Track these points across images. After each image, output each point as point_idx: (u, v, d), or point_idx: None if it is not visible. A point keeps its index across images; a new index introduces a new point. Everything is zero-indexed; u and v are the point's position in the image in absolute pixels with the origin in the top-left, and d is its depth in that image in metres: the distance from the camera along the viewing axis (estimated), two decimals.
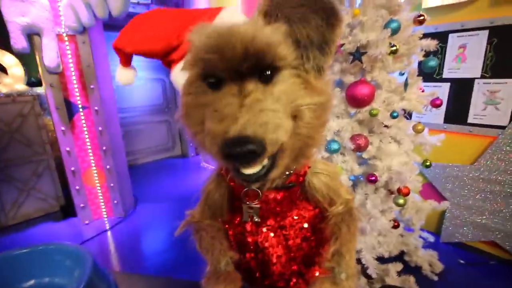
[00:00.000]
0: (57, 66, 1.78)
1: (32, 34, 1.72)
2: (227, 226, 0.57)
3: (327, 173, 0.52)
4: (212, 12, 0.41)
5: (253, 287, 0.57)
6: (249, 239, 0.55)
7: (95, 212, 2.28)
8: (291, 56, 0.38)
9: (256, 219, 0.52)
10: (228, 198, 0.54)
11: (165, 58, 0.52)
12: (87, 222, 2.23)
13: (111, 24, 2.24)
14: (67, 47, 1.88)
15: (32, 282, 0.41)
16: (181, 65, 0.42)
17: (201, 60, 0.37)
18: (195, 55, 0.38)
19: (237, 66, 0.36)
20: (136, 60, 3.17)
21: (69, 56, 1.89)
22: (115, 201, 2.28)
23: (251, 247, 0.55)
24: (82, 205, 2.18)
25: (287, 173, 0.47)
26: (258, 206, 0.50)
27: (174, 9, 0.44)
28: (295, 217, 0.54)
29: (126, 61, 0.56)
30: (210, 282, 0.46)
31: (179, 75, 0.43)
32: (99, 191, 2.24)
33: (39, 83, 2.47)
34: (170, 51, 0.44)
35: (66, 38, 1.86)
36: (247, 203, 0.50)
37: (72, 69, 1.93)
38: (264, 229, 0.53)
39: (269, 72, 0.37)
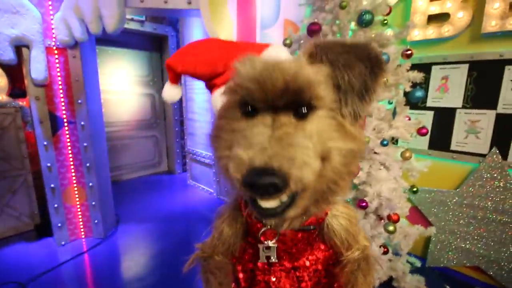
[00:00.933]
0: (44, 79, 1.73)
1: (20, 46, 1.68)
2: (237, 264, 0.55)
3: (347, 217, 0.51)
4: (260, 47, 0.45)
5: None
6: (260, 278, 0.53)
7: (72, 232, 2.15)
8: (329, 97, 0.38)
9: (273, 260, 0.50)
10: (242, 234, 0.53)
11: (209, 82, 0.59)
12: (63, 243, 2.10)
13: (104, 38, 2.23)
14: (56, 60, 1.84)
15: None
16: (222, 90, 0.44)
17: (243, 88, 0.38)
18: (238, 83, 0.39)
19: (275, 99, 0.36)
20: (126, 74, 3.13)
21: (58, 69, 1.85)
22: (96, 221, 2.17)
23: (262, 286, 0.53)
24: (59, 224, 2.05)
25: (305, 216, 0.46)
26: (275, 245, 0.48)
27: (226, 40, 0.50)
28: (310, 258, 0.52)
29: (175, 79, 0.66)
30: None
31: (218, 99, 0.47)
32: (79, 209, 2.13)
33: (22, 95, 2.39)
34: (215, 76, 0.51)
35: (56, 51, 1.82)
36: (264, 242, 0.48)
37: (60, 82, 1.88)
38: (278, 270, 0.52)
39: (305, 109, 0.37)
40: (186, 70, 0.55)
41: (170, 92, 0.65)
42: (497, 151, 1.58)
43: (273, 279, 0.52)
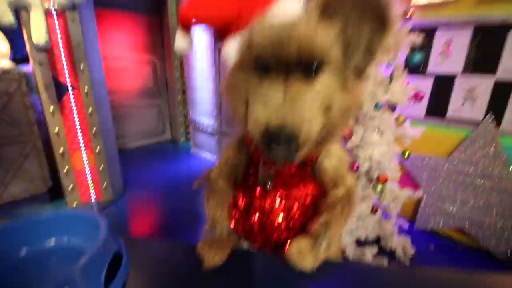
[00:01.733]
0: (45, 44, 1.74)
1: (19, 9, 1.66)
2: (237, 191, 0.64)
3: (338, 158, 0.57)
4: None
5: (252, 245, 0.64)
6: (257, 203, 0.62)
7: (83, 195, 2.29)
8: (338, 57, 0.41)
9: (269, 184, 0.58)
10: (245, 164, 0.61)
11: (221, 29, 0.59)
12: (75, 204, 2.25)
13: (102, 1, 2.18)
14: (56, 24, 1.83)
15: (52, 241, 0.47)
16: (236, 42, 0.47)
17: (257, 51, 0.41)
18: (252, 45, 0.42)
19: (289, 61, 0.40)
20: (126, 40, 3.07)
21: (58, 33, 1.85)
22: (104, 185, 2.30)
23: (257, 210, 0.62)
24: (70, 187, 2.19)
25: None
26: (272, 173, 0.56)
27: None
28: (301, 191, 0.60)
29: (188, 28, 0.64)
30: (204, 247, 0.53)
31: (232, 50, 0.48)
32: (88, 173, 2.25)
33: (25, 60, 2.40)
34: (227, 23, 0.52)
35: (55, 14, 1.81)
36: (264, 169, 0.56)
37: (61, 47, 1.89)
38: (272, 195, 0.60)
39: (315, 69, 0.41)
40: (199, 16, 0.56)
41: (183, 43, 0.63)
42: (491, 118, 1.60)
43: (267, 205, 0.61)
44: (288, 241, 0.61)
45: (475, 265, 1.66)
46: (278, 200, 0.61)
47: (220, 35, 0.59)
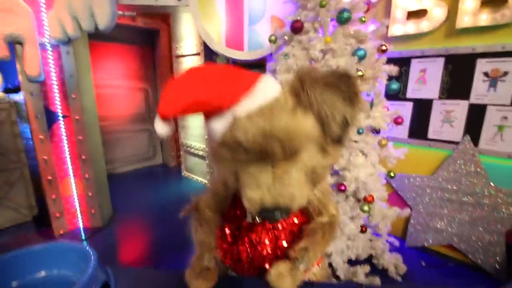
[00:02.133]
0: (38, 75, 1.78)
1: (14, 43, 1.72)
2: (225, 222, 0.66)
3: (321, 189, 0.61)
4: (251, 78, 0.48)
5: (240, 274, 0.65)
6: (244, 234, 0.64)
7: (70, 222, 2.23)
8: (316, 135, 0.45)
9: (257, 220, 0.61)
10: (233, 196, 0.63)
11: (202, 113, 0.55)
12: (61, 232, 2.18)
13: (97, 34, 2.26)
14: (50, 57, 1.88)
15: (42, 273, 0.48)
16: (219, 123, 0.47)
17: (242, 152, 0.43)
18: (237, 146, 0.43)
19: (272, 156, 0.43)
20: (118, 69, 3.14)
21: (52, 65, 1.90)
22: (93, 211, 2.26)
23: (245, 242, 0.64)
24: (57, 214, 2.13)
25: None
26: None
27: (212, 68, 0.43)
28: (287, 221, 0.63)
29: (167, 118, 0.54)
30: (192, 276, 0.55)
31: (217, 129, 0.49)
32: (76, 200, 2.21)
33: (16, 90, 2.42)
34: (207, 111, 0.51)
35: (49, 48, 1.87)
36: None
37: (54, 78, 1.93)
38: (259, 228, 0.62)
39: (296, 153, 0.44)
40: (180, 114, 0.52)
41: (164, 129, 0.54)
42: (469, 138, 1.71)
43: (254, 237, 0.63)
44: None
45: (467, 280, 1.68)
46: (265, 232, 0.63)
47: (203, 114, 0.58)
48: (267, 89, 0.47)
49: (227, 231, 0.66)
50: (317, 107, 0.43)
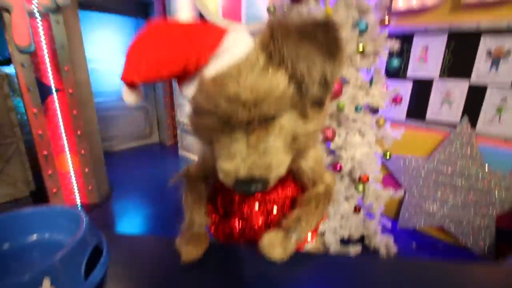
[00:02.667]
0: (28, 46, 1.71)
1: (1, 10, 1.64)
2: (217, 193, 0.65)
3: (314, 158, 0.58)
4: (217, 34, 0.42)
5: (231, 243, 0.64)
6: (236, 207, 0.62)
7: (68, 198, 2.25)
8: (292, 99, 0.39)
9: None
10: None
11: (171, 78, 0.50)
12: None
13: (87, 3, 2.17)
14: (40, 26, 1.81)
15: (34, 236, 0.48)
16: (191, 89, 0.44)
17: (209, 118, 0.41)
18: (203, 112, 0.41)
19: (243, 119, 0.39)
20: (112, 42, 3.03)
21: (42, 35, 1.83)
22: (90, 187, 2.27)
23: (237, 215, 0.63)
24: (54, 190, 2.14)
25: None
26: None
27: (174, 25, 0.39)
28: (280, 193, 0.61)
29: (133, 85, 0.55)
30: (182, 242, 0.54)
31: (189, 94, 0.45)
32: (73, 176, 2.21)
33: (7, 62, 2.35)
34: (176, 75, 0.46)
35: (38, 17, 1.79)
36: None
37: (45, 49, 1.86)
38: (251, 200, 0.61)
39: (272, 118, 0.40)
40: (145, 79, 0.48)
41: (130, 97, 0.53)
42: (467, 120, 1.69)
43: (246, 209, 0.62)
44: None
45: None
46: (257, 204, 0.62)
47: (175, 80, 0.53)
48: (238, 45, 0.41)
49: (219, 204, 0.65)
50: (291, 63, 0.37)
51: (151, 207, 2.35)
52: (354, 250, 1.61)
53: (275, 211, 0.62)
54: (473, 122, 1.68)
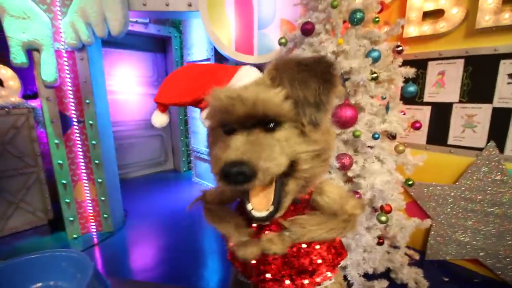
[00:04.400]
0: (54, 81, 1.83)
1: (31, 50, 1.77)
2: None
3: (329, 193, 0.58)
4: (233, 70, 0.56)
5: (249, 279, 0.64)
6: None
7: (84, 226, 2.26)
8: (290, 113, 0.45)
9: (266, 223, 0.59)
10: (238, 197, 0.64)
11: (195, 106, 0.73)
12: (75, 236, 2.21)
13: (110, 41, 2.32)
14: (65, 63, 1.93)
15: (39, 285, 0.45)
16: (205, 113, 0.54)
17: (215, 116, 0.48)
18: (210, 112, 0.49)
19: (245, 121, 0.45)
20: (131, 75, 3.22)
21: (67, 71, 1.95)
22: (105, 215, 2.27)
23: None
24: (71, 218, 2.16)
25: None
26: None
27: (200, 65, 0.70)
28: None
29: (164, 109, 0.78)
30: (243, 247, 0.55)
31: (205, 121, 0.56)
32: (90, 204, 2.23)
33: (34, 96, 2.50)
34: (198, 102, 0.64)
35: (64, 54, 1.92)
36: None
37: (69, 83, 1.97)
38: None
39: (272, 125, 0.46)
40: (171, 102, 0.69)
41: (159, 119, 0.77)
42: (494, 145, 1.59)
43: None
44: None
45: None
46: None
47: (196, 106, 0.71)
48: (248, 76, 0.52)
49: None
50: (290, 86, 0.44)
51: (164, 235, 2.31)
52: (380, 285, 1.48)
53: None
54: (501, 146, 1.59)
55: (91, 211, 2.25)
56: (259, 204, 0.47)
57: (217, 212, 0.63)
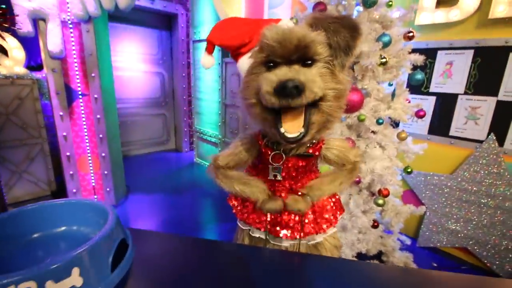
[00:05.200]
0: (60, 52, 1.82)
1: (37, 19, 1.75)
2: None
3: (337, 147, 0.70)
4: (274, 22, 0.67)
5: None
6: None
7: (86, 198, 2.31)
8: (325, 53, 0.55)
9: (278, 178, 0.68)
10: (254, 159, 0.72)
11: (236, 51, 0.83)
12: None
13: (116, 15, 2.29)
14: (71, 34, 1.91)
15: (63, 228, 0.49)
16: (249, 55, 0.64)
17: (268, 46, 0.55)
18: (265, 42, 0.56)
19: (290, 53, 0.54)
20: (136, 52, 3.18)
21: (73, 43, 1.93)
22: (108, 189, 2.32)
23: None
24: (74, 190, 2.21)
25: (309, 144, 0.66)
26: (281, 166, 0.67)
27: (245, 18, 0.91)
28: (307, 181, 0.71)
29: (211, 50, 0.87)
30: (269, 202, 0.67)
31: (245, 63, 0.67)
32: (93, 177, 2.27)
33: (39, 68, 2.49)
34: (242, 46, 0.75)
35: (70, 26, 1.90)
36: (273, 164, 0.66)
37: (75, 56, 1.96)
38: (280, 188, 0.71)
39: (309, 62, 0.55)
40: (221, 43, 0.80)
41: (207, 60, 0.86)
42: (494, 138, 1.62)
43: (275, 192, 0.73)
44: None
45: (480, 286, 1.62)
46: (284, 189, 0.71)
47: (233, 55, 0.84)
48: (287, 25, 0.64)
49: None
50: (326, 33, 0.55)
51: (165, 210, 2.37)
52: None
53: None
54: (501, 139, 1.61)
55: (94, 184, 2.29)
56: (292, 127, 0.55)
57: (236, 176, 0.71)
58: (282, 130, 0.55)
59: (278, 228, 0.70)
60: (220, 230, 2.08)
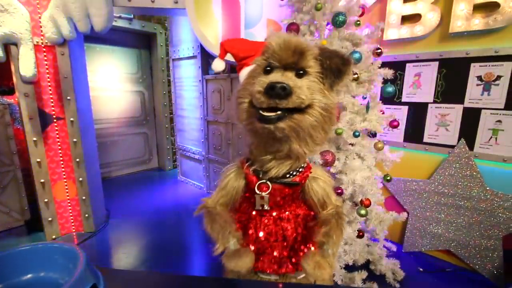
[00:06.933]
0: (32, 76, 1.76)
1: (8, 44, 1.70)
2: (235, 215, 0.74)
3: (324, 180, 0.69)
4: None
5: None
6: (251, 225, 0.71)
7: (63, 226, 2.19)
8: (316, 67, 0.62)
9: (266, 207, 0.68)
10: (242, 189, 0.72)
11: (240, 62, 1.01)
12: (54, 237, 2.14)
13: (93, 36, 2.26)
14: (45, 58, 1.87)
15: (29, 276, 0.46)
16: (251, 67, 0.70)
17: (270, 49, 0.63)
18: (268, 47, 0.64)
19: (287, 57, 0.61)
20: (115, 71, 3.13)
21: (46, 66, 1.88)
22: (86, 215, 2.22)
23: (253, 233, 0.70)
24: (50, 219, 2.09)
25: (292, 172, 0.66)
26: (268, 195, 0.66)
27: (247, 39, 1.10)
28: (293, 212, 0.70)
29: (223, 55, 1.04)
30: (233, 258, 0.60)
31: (245, 72, 0.77)
32: (69, 204, 2.17)
33: (10, 92, 2.40)
34: (247, 57, 0.94)
35: (44, 49, 1.85)
36: (259, 193, 0.66)
37: (49, 79, 1.91)
38: (266, 220, 0.70)
39: (301, 72, 0.61)
40: (231, 50, 1.00)
41: (219, 64, 1.05)
42: (464, 142, 1.71)
43: (262, 228, 0.70)
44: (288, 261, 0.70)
45: (465, 286, 1.66)
46: (272, 220, 0.70)
47: (238, 68, 1.01)
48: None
49: (237, 224, 0.73)
50: (321, 54, 0.63)
51: (148, 234, 2.29)
52: (360, 276, 1.55)
53: (289, 227, 0.70)
54: (470, 144, 1.70)
55: (71, 211, 2.19)
56: (271, 112, 0.58)
57: (219, 221, 0.68)
58: (261, 111, 0.59)
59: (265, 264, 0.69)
60: (208, 250, 2.03)
